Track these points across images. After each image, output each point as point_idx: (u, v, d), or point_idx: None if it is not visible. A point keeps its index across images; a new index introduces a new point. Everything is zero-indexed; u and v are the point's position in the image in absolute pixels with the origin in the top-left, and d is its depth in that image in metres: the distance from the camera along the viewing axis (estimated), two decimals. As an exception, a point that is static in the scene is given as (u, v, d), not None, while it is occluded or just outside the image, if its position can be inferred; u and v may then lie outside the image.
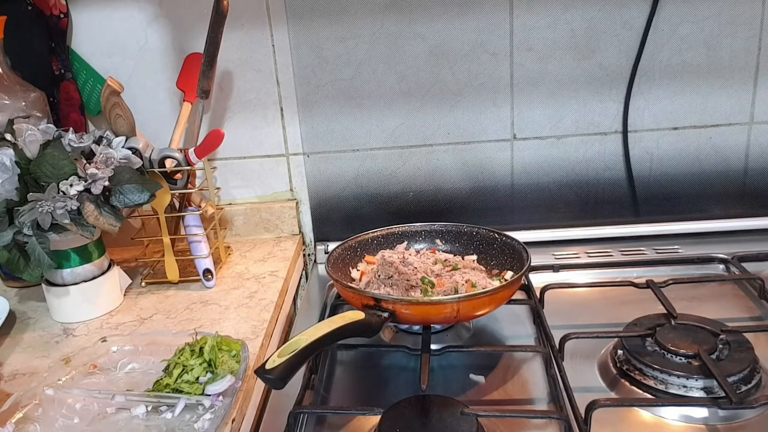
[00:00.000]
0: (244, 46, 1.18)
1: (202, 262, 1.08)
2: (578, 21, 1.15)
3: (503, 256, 1.05)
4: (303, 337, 0.75)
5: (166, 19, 1.17)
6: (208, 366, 0.80)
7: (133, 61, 1.20)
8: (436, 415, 0.75)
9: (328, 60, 1.18)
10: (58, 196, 0.90)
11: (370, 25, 1.16)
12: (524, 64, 1.18)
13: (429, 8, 1.15)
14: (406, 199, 1.26)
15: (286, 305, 1.12)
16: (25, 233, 0.90)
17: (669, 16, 1.14)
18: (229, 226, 1.29)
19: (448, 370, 0.89)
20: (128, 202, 0.96)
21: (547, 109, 1.20)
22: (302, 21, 1.16)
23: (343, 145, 1.23)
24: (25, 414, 0.76)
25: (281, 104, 1.22)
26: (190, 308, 1.02)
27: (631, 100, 1.18)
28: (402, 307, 0.86)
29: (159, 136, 1.14)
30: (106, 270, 1.03)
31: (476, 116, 1.21)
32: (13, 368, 0.89)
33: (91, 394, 0.79)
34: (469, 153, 1.23)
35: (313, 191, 1.27)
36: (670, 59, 1.16)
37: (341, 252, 1.07)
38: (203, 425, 0.73)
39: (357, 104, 1.21)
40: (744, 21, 1.14)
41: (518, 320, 1.01)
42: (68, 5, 1.15)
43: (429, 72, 1.18)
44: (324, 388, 0.89)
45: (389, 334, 0.99)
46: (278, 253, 1.22)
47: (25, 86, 1.08)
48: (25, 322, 1.02)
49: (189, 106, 1.16)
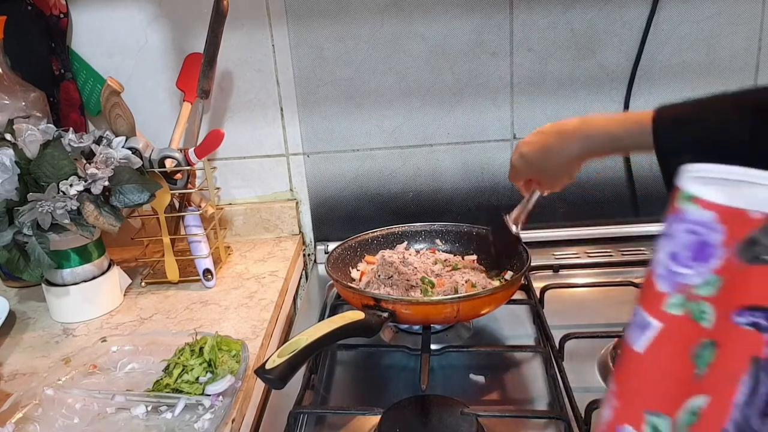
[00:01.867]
0: (244, 46, 1.18)
1: (202, 262, 1.08)
2: (578, 21, 1.15)
3: (503, 256, 1.05)
4: (303, 337, 0.75)
5: (166, 19, 1.17)
6: (208, 366, 0.79)
7: (133, 61, 1.20)
8: (436, 415, 0.75)
9: (328, 60, 1.18)
10: (58, 196, 0.90)
11: (370, 25, 1.16)
12: (524, 64, 1.18)
13: (429, 8, 1.15)
14: (406, 199, 1.26)
15: (286, 305, 1.12)
16: (25, 233, 0.90)
17: (669, 16, 1.14)
18: (229, 226, 1.29)
19: (448, 370, 0.89)
20: (128, 202, 0.96)
21: (547, 109, 1.20)
22: (302, 21, 1.16)
23: (343, 145, 1.23)
24: (25, 414, 0.76)
25: (281, 104, 1.22)
26: (190, 308, 1.02)
27: (631, 100, 1.18)
28: (402, 307, 0.86)
29: (159, 136, 1.14)
30: (106, 270, 1.03)
31: (476, 116, 1.21)
32: (13, 368, 0.89)
33: (91, 394, 0.79)
34: (469, 153, 1.23)
35: (313, 191, 1.27)
36: (670, 59, 1.16)
37: (341, 252, 1.07)
38: (203, 425, 0.72)
39: (357, 104, 1.21)
40: (744, 21, 1.14)
41: (518, 320, 1.01)
42: (68, 5, 1.15)
43: (429, 72, 1.18)
44: (324, 388, 0.89)
45: (389, 334, 0.99)
46: (278, 253, 1.22)
47: (25, 86, 1.08)
48: (25, 322, 1.02)
49: (189, 106, 1.16)
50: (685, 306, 0.40)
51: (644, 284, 0.42)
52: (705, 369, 0.40)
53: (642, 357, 0.42)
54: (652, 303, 0.41)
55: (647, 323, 0.41)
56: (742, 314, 0.38)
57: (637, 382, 0.43)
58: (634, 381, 0.43)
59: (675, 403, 0.41)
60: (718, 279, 0.38)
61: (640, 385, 0.43)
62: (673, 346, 0.41)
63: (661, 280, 0.41)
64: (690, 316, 0.40)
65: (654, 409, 0.42)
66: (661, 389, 0.42)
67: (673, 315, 0.40)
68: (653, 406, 0.42)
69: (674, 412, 0.41)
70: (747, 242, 0.37)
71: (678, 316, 0.40)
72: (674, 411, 0.41)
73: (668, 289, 0.40)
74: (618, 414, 0.44)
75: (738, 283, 0.38)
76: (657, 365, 0.42)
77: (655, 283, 0.41)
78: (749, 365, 0.38)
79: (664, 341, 0.41)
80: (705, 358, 0.40)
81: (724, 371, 0.39)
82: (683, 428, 0.41)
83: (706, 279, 0.39)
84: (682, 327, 0.40)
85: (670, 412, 0.41)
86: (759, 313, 0.37)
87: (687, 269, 0.39)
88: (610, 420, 0.45)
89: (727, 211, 0.38)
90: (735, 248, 0.38)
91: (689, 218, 0.39)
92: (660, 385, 0.42)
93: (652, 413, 0.42)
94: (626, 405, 0.44)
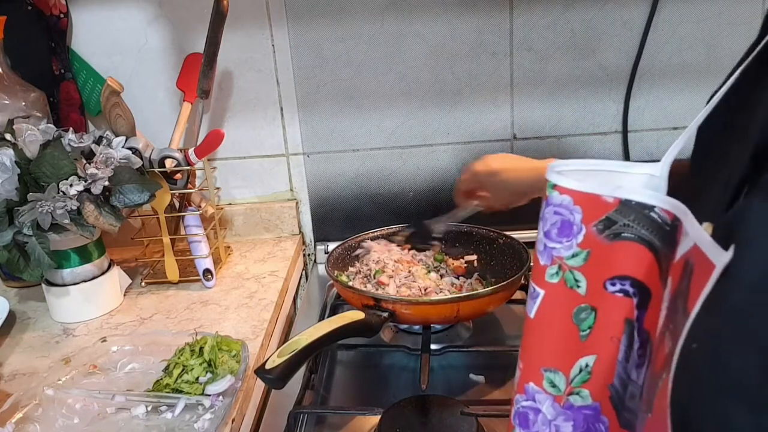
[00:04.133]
0: (244, 46, 1.18)
1: (202, 262, 1.08)
2: (578, 21, 1.15)
3: (503, 256, 1.05)
4: (303, 337, 0.75)
5: (166, 19, 1.17)
6: (208, 366, 0.80)
7: (133, 61, 1.19)
8: (436, 415, 0.75)
9: (328, 60, 1.18)
10: (58, 196, 0.90)
11: (369, 25, 1.16)
12: (524, 64, 1.18)
13: (429, 8, 1.15)
14: (406, 199, 1.26)
15: (286, 305, 1.12)
16: (25, 233, 0.90)
17: (669, 16, 1.14)
18: (229, 226, 1.29)
19: (448, 370, 0.89)
20: (128, 202, 0.96)
21: (547, 109, 1.20)
22: (302, 21, 1.16)
23: (343, 145, 1.23)
24: (25, 414, 0.76)
25: (281, 104, 1.22)
26: (190, 308, 1.02)
27: (630, 100, 1.18)
28: (402, 307, 0.86)
29: (159, 136, 1.14)
30: (106, 270, 1.03)
31: (476, 116, 1.21)
32: (13, 368, 0.89)
33: (91, 394, 0.79)
34: (469, 153, 1.23)
35: (313, 191, 1.27)
36: (670, 59, 1.16)
37: (341, 252, 1.07)
38: (203, 425, 0.73)
39: (357, 104, 1.21)
40: (744, 21, 1.14)
41: (518, 320, 1.01)
42: (68, 5, 1.15)
43: (429, 72, 1.18)
44: (324, 388, 0.89)
45: (389, 334, 0.99)
46: (278, 253, 1.22)
47: (25, 86, 1.08)
48: (25, 322, 1.02)
49: (189, 106, 1.16)
50: (559, 274, 0.47)
51: (533, 261, 0.50)
52: (588, 331, 0.47)
53: (534, 322, 0.49)
54: (537, 275, 0.48)
55: (537, 293, 0.48)
56: (613, 283, 0.46)
57: (533, 344, 0.50)
58: (531, 344, 0.50)
59: (566, 360, 0.48)
60: (584, 252, 0.46)
61: (536, 346, 0.50)
62: (556, 309, 0.48)
63: (541, 255, 0.48)
64: (565, 284, 0.47)
65: (549, 366, 0.49)
66: (552, 348, 0.49)
67: (552, 283, 0.47)
68: (548, 363, 0.49)
69: (566, 368, 0.48)
70: (604, 221, 0.45)
71: (555, 284, 0.47)
72: (566, 367, 0.48)
73: (547, 261, 0.47)
74: (523, 374, 0.51)
75: (604, 257, 0.45)
76: (546, 328, 0.49)
77: (538, 258, 0.48)
78: (624, 326, 0.46)
79: (548, 306, 0.48)
80: (587, 321, 0.47)
81: (605, 332, 0.47)
82: (579, 384, 0.48)
83: (573, 251, 0.46)
84: (559, 293, 0.47)
85: (563, 368, 0.48)
86: (625, 281, 0.45)
87: (557, 244, 0.47)
88: (518, 380, 0.51)
89: (580, 195, 0.45)
90: (593, 226, 0.45)
91: (553, 202, 0.46)
92: (551, 345, 0.49)
93: (548, 369, 0.49)
94: (528, 365, 0.51)
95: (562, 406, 0.49)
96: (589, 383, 0.48)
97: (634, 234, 0.44)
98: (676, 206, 0.43)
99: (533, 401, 0.50)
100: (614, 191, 0.44)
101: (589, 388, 0.48)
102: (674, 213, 0.43)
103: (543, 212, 0.48)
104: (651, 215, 0.44)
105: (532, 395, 0.50)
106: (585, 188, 0.45)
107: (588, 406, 0.49)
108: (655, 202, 0.44)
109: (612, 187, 0.45)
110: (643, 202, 0.44)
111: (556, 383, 0.49)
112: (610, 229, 0.45)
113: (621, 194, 0.44)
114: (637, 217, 0.44)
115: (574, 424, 0.49)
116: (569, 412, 0.49)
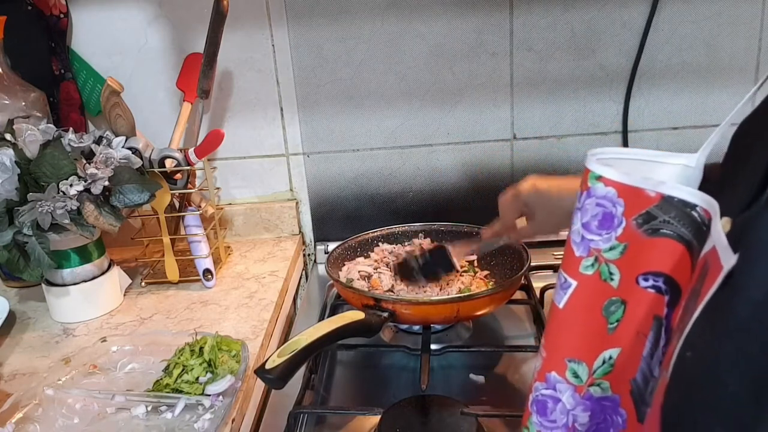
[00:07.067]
0: (244, 46, 1.18)
1: (202, 262, 1.08)
2: (578, 21, 1.15)
3: (503, 256, 1.05)
4: (303, 337, 0.75)
5: (166, 19, 1.17)
6: (208, 366, 0.80)
7: (133, 61, 1.19)
8: (436, 415, 0.75)
9: (328, 60, 1.18)
10: (58, 196, 0.90)
11: (370, 25, 1.16)
12: (524, 64, 1.17)
13: (429, 8, 1.15)
14: (406, 199, 1.26)
15: (286, 305, 1.12)
16: (25, 233, 0.90)
17: (669, 16, 1.14)
18: (229, 226, 1.29)
19: (448, 370, 0.89)
20: (128, 202, 0.96)
21: (547, 109, 1.20)
22: (302, 21, 1.16)
23: (343, 145, 1.23)
24: (25, 414, 0.76)
25: (281, 104, 1.22)
26: (190, 308, 1.02)
27: (630, 100, 1.18)
28: (402, 307, 0.87)
29: (159, 136, 1.14)
30: (106, 270, 1.03)
31: (476, 116, 1.21)
32: (13, 368, 0.89)
33: (91, 394, 0.79)
34: (469, 153, 1.23)
35: (313, 191, 1.27)
36: (670, 59, 1.16)
37: (341, 252, 1.07)
38: (203, 425, 0.73)
39: (357, 104, 1.21)
40: (744, 21, 1.14)
41: (518, 320, 1.01)
42: (68, 5, 1.15)
43: (429, 72, 1.18)
44: (324, 388, 0.89)
45: (389, 334, 0.99)
46: (278, 253, 1.22)
47: (25, 86, 1.08)
48: (25, 322, 1.02)
49: (189, 106, 1.16)
50: (595, 266, 0.47)
51: (565, 252, 0.49)
52: (616, 324, 0.47)
53: (563, 312, 0.49)
54: (570, 266, 0.48)
55: (568, 284, 0.48)
56: (646, 278, 0.45)
57: (559, 334, 0.50)
58: (557, 334, 0.50)
59: (591, 352, 0.48)
60: (622, 245, 0.46)
61: (562, 336, 0.50)
62: (587, 301, 0.48)
63: (577, 246, 0.48)
64: (599, 276, 0.47)
65: (573, 357, 0.49)
66: (578, 339, 0.49)
67: (587, 275, 0.47)
68: (572, 354, 0.49)
69: (590, 359, 0.48)
70: (645, 215, 0.44)
71: (590, 275, 0.47)
72: (590, 359, 0.48)
73: (583, 253, 0.47)
74: (546, 363, 0.51)
75: (641, 251, 0.45)
76: (574, 319, 0.49)
77: (573, 249, 0.48)
78: (653, 322, 0.46)
79: (579, 297, 0.48)
80: (616, 314, 0.47)
81: (632, 327, 0.47)
82: (601, 376, 0.48)
83: (611, 244, 0.46)
84: (593, 285, 0.47)
85: (587, 359, 0.48)
86: (659, 278, 0.45)
87: (596, 236, 0.46)
88: (539, 369, 0.51)
89: (624, 187, 0.45)
90: (633, 219, 0.45)
91: (596, 194, 0.46)
92: (577, 336, 0.49)
93: (572, 360, 0.49)
94: (552, 354, 0.50)
95: (582, 397, 0.49)
96: (610, 375, 0.48)
97: (673, 231, 0.44)
98: (711, 205, 0.42)
99: (554, 390, 0.50)
100: (657, 186, 0.44)
101: (609, 380, 0.48)
102: (710, 213, 0.42)
103: (582, 203, 0.47)
104: (692, 214, 0.43)
105: (553, 384, 0.50)
106: (630, 181, 0.44)
107: (607, 398, 0.49)
108: (698, 201, 0.43)
109: (655, 181, 0.44)
110: (685, 200, 0.43)
111: (579, 374, 0.49)
112: (650, 224, 0.44)
113: (664, 190, 0.44)
114: (678, 214, 0.44)
115: (591, 414, 0.49)
116: (588, 403, 0.49)
